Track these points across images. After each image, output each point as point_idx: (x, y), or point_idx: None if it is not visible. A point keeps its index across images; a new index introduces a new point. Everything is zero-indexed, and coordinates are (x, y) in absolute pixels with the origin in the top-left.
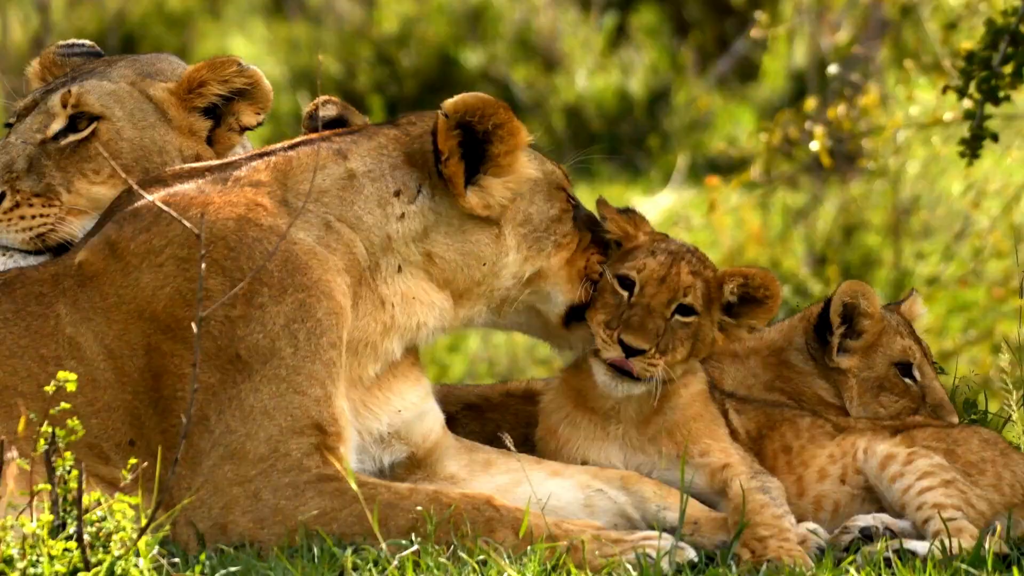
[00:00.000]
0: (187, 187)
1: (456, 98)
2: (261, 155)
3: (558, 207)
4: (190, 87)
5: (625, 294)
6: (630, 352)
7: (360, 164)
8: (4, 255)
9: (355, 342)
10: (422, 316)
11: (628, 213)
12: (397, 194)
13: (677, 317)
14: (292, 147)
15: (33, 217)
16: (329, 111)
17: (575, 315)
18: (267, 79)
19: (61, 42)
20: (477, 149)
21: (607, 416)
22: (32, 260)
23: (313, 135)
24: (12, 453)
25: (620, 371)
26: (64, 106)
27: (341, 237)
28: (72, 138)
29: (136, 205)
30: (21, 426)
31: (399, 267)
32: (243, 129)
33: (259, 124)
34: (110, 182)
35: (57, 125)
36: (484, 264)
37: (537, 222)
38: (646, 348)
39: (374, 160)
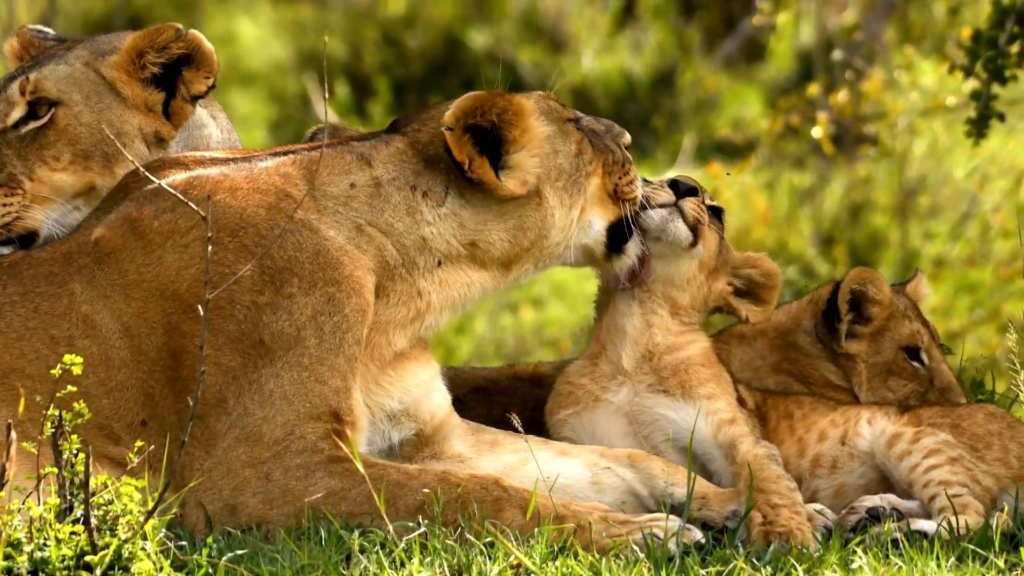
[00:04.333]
0: (210, 171)
1: (452, 108)
2: (285, 152)
3: (574, 140)
4: (132, 59)
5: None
6: (681, 193)
7: (384, 172)
8: None
9: (384, 323)
10: (459, 292)
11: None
12: (425, 199)
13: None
14: (316, 148)
15: None
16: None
17: (616, 241)
18: (208, 42)
19: (31, 25)
20: (491, 136)
21: (615, 371)
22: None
23: (333, 141)
24: (12, 436)
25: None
26: (23, 94)
27: (373, 240)
28: (32, 125)
29: (155, 185)
30: (21, 408)
31: (439, 262)
32: (194, 97)
33: (210, 89)
34: (71, 168)
35: (17, 113)
36: (531, 232)
37: (567, 167)
38: (696, 187)
39: (397, 168)
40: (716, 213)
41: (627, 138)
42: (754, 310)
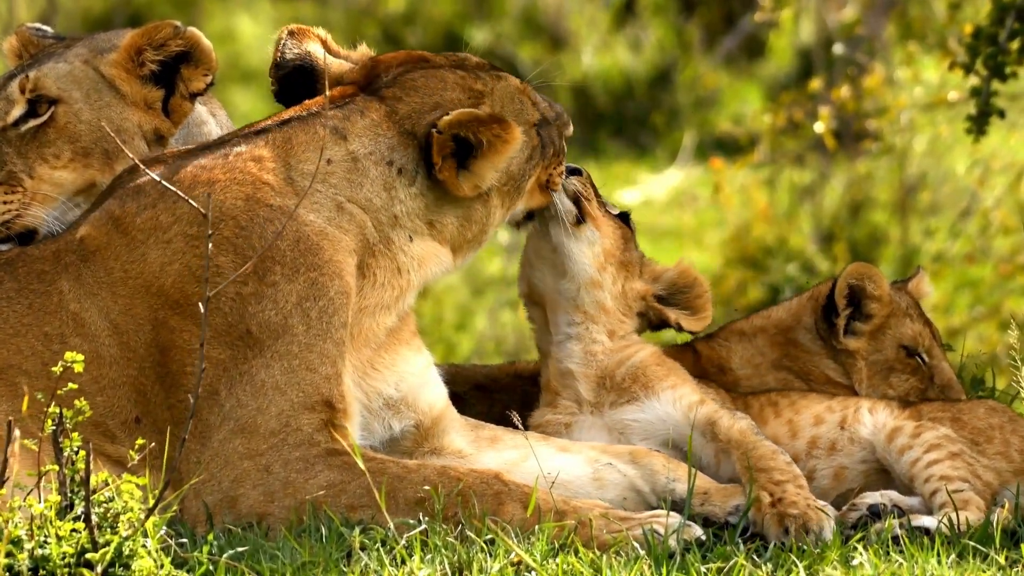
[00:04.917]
0: (187, 166)
1: (451, 117)
2: (257, 132)
3: (530, 146)
4: (131, 57)
5: None
6: (571, 172)
7: (360, 146)
8: None
9: (372, 306)
10: (431, 270)
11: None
12: (400, 175)
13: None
14: (286, 122)
15: None
16: (291, 53)
17: (526, 216)
18: (206, 39)
19: (30, 24)
20: (470, 144)
21: (578, 405)
22: None
23: (300, 110)
24: (16, 433)
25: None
26: (22, 92)
27: (354, 218)
28: (32, 123)
29: (138, 182)
30: (24, 406)
31: (410, 237)
32: (193, 95)
33: (209, 86)
34: (71, 166)
35: (17, 111)
36: (476, 225)
37: (516, 173)
38: (581, 169)
39: (372, 141)
40: (624, 218)
41: (570, 130)
42: (688, 319)
